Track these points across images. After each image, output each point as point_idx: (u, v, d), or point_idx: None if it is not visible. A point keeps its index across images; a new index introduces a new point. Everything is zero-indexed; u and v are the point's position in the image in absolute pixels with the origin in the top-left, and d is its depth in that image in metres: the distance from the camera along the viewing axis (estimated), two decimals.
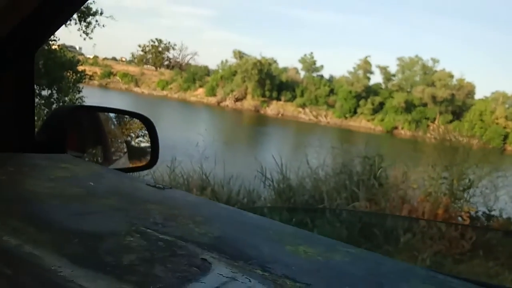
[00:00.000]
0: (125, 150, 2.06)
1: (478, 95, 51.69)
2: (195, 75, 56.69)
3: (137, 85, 57.50)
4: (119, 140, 2.08)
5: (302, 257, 0.65)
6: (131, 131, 1.99)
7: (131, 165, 1.88)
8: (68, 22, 9.69)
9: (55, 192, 0.80)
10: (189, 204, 0.88)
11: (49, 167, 1.00)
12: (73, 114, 1.56)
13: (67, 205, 0.75)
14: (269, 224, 0.81)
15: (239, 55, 55.03)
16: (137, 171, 1.83)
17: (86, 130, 1.76)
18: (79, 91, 11.62)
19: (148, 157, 1.58)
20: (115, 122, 2.07)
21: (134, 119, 1.83)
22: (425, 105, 49.48)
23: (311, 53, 55.74)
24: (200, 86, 55.85)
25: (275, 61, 55.05)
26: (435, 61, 51.29)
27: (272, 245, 0.68)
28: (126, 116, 1.95)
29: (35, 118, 1.26)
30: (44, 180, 0.88)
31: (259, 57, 52.72)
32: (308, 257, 0.65)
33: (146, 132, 1.59)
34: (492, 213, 5.46)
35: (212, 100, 53.46)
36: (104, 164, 1.74)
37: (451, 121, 47.22)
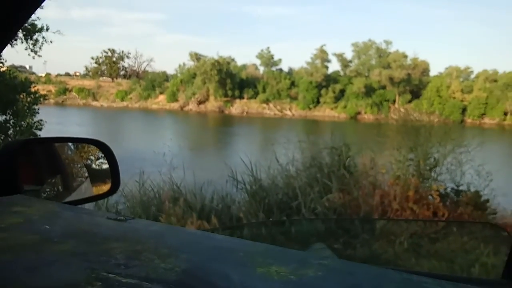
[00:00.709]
0: (86, 174, 1.98)
1: (433, 72, 53.43)
2: (154, 82, 55.96)
3: (95, 98, 56.29)
4: (79, 165, 2.00)
5: (274, 279, 0.63)
6: (89, 154, 1.91)
7: (94, 189, 1.81)
8: (14, 41, 9.33)
9: (7, 244, 0.74)
10: (153, 235, 0.83)
11: None
12: (24, 148, 1.47)
13: (20, 259, 0.69)
14: (238, 246, 0.78)
15: (196, 56, 54.60)
16: (98, 199, 1.75)
17: (41, 161, 1.67)
18: (36, 113, 11.22)
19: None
20: (72, 148, 1.98)
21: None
22: (384, 87, 50.70)
23: (268, 47, 56.28)
24: (161, 93, 55.18)
25: (233, 59, 55.15)
26: (388, 43, 52.66)
27: (243, 271, 0.66)
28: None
29: None
30: None
31: (216, 57, 52.57)
32: (280, 278, 0.63)
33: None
34: (460, 188, 5.65)
35: (175, 105, 52.94)
36: (65, 194, 1.68)
37: (410, 101, 48.69)
